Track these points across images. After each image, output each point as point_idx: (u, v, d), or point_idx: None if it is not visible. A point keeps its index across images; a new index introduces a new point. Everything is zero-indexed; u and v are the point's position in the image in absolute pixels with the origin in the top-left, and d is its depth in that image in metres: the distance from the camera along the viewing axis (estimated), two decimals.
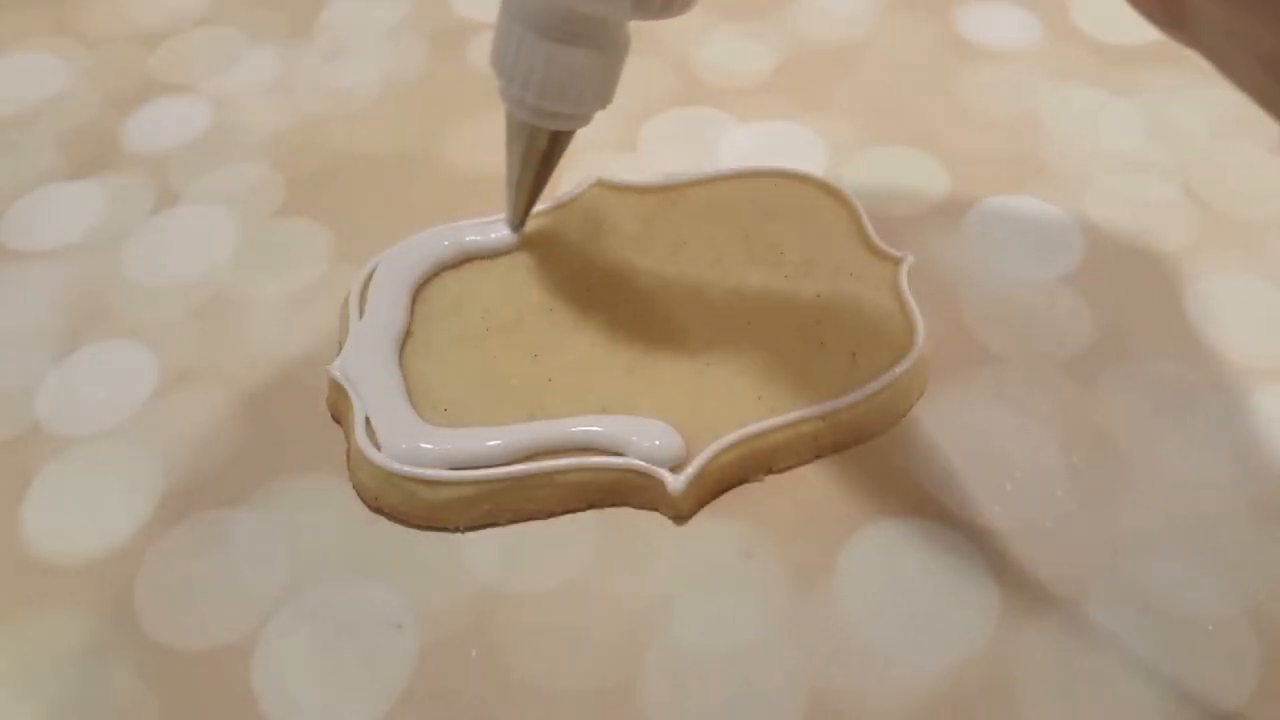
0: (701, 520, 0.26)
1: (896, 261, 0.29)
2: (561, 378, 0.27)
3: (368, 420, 0.26)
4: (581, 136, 0.36)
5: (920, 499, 0.26)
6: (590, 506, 0.26)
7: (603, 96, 0.26)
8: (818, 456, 0.27)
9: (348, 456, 0.27)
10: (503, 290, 0.29)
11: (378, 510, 0.26)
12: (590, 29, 0.24)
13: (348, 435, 0.27)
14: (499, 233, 0.30)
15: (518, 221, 0.30)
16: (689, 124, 0.36)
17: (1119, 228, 0.32)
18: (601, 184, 0.31)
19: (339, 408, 0.27)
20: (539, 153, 0.27)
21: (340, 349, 0.28)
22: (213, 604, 0.25)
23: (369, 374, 0.27)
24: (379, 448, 0.25)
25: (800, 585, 0.24)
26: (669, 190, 0.31)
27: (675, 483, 0.25)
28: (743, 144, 0.35)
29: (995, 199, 0.33)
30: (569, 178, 0.34)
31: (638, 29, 0.27)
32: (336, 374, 0.27)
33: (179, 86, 0.38)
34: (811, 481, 0.26)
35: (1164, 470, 0.26)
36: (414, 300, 0.29)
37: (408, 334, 0.28)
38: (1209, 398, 0.28)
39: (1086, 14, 0.40)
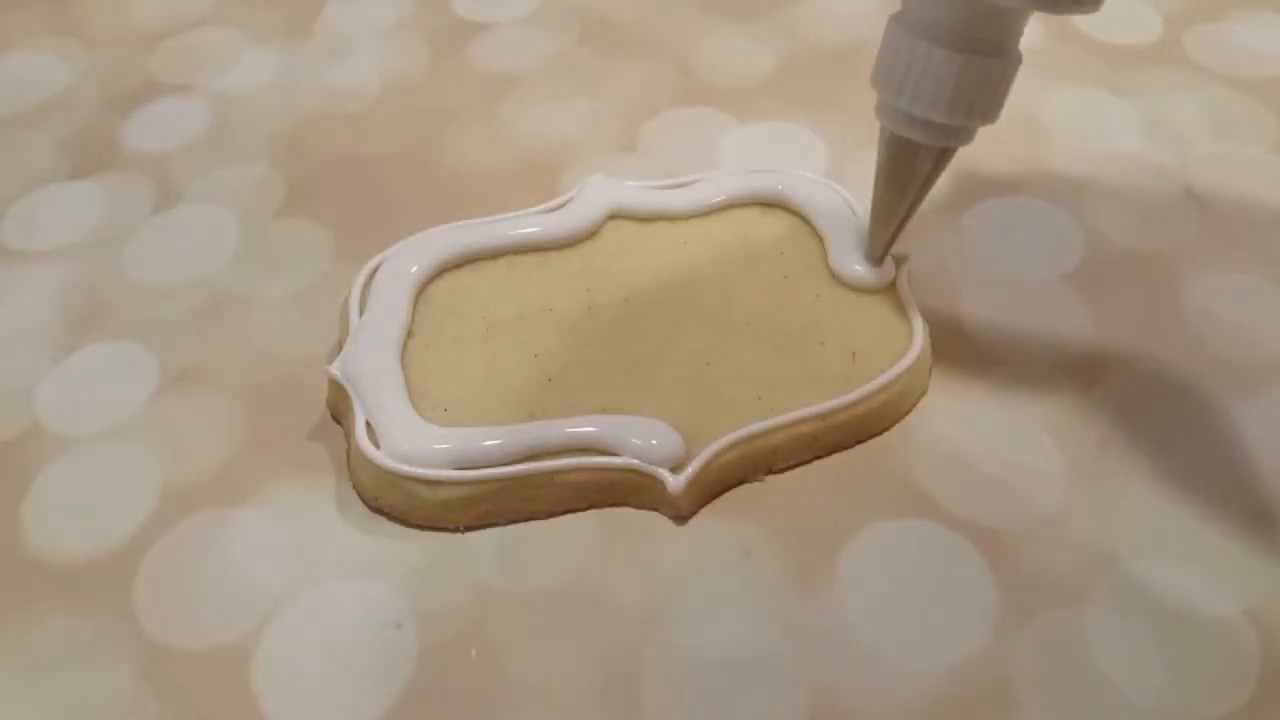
0: (701, 520, 0.26)
1: (896, 262, 0.29)
2: (561, 378, 0.27)
3: (368, 420, 0.26)
4: (581, 137, 0.36)
5: (920, 499, 0.26)
6: (590, 506, 0.26)
7: (997, 108, 0.25)
8: (817, 456, 0.27)
9: (348, 456, 0.27)
10: (503, 290, 0.29)
11: (378, 510, 0.26)
12: (997, 35, 0.23)
13: (348, 435, 0.27)
14: (862, 264, 0.28)
15: (880, 254, 0.28)
16: (689, 124, 0.36)
17: (1119, 228, 0.32)
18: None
19: (339, 408, 0.27)
20: (922, 175, 0.26)
21: (340, 349, 0.28)
22: (213, 604, 0.25)
23: (369, 374, 0.27)
24: (379, 447, 0.25)
25: (800, 585, 0.24)
26: (670, 191, 0.31)
27: (675, 483, 0.25)
28: (743, 144, 0.35)
29: (995, 199, 0.33)
30: (568, 177, 0.34)
31: (642, 29, 0.27)
32: (336, 374, 0.27)
33: (179, 86, 0.38)
34: (811, 481, 0.26)
35: (1164, 470, 0.26)
36: (415, 300, 0.29)
37: (408, 334, 0.28)
38: (1209, 398, 0.28)
39: None
